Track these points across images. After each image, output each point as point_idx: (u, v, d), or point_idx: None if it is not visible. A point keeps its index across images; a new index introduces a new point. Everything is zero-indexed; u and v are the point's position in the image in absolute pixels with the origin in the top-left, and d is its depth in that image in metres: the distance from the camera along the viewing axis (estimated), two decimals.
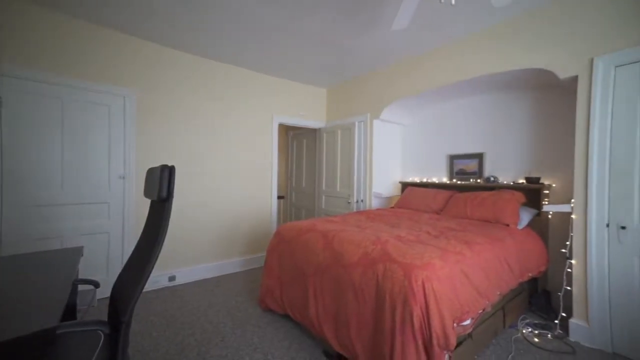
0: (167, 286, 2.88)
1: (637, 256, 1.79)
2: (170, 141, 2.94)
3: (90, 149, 2.51)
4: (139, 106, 2.75)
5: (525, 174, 2.69)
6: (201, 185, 3.14)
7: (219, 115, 3.27)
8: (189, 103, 3.06)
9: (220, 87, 3.28)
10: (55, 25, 2.32)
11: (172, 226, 2.86)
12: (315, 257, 1.91)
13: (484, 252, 1.75)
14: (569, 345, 1.92)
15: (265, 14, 2.30)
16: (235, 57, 3.16)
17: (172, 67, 2.94)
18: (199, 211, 3.13)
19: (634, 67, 1.80)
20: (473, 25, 2.44)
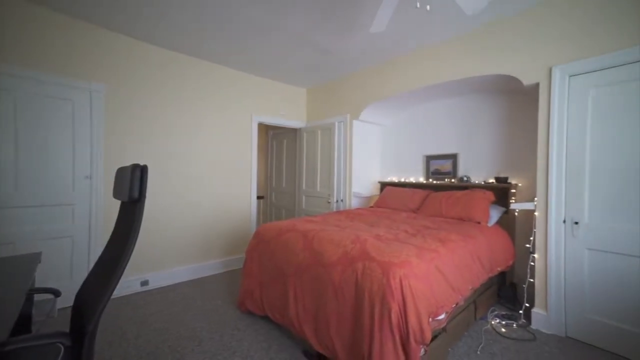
0: (139, 291, 2.74)
1: (587, 248, 1.96)
2: (143, 140, 2.80)
3: (52, 148, 2.32)
4: (109, 102, 2.59)
5: (495, 174, 2.85)
6: (177, 185, 3.02)
7: (196, 114, 3.16)
8: (164, 100, 2.93)
9: (197, 84, 3.17)
10: (7, 10, 2.12)
11: (145, 228, 2.73)
12: (295, 257, 1.90)
13: (457, 249, 1.83)
14: (531, 333, 2.07)
15: (246, 11, 2.26)
16: (214, 55, 3.07)
17: (145, 62, 2.80)
18: (175, 212, 3.01)
19: (584, 78, 1.96)
20: (447, 31, 2.55)
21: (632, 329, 1.78)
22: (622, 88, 1.83)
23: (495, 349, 1.88)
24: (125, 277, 2.66)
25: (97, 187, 2.52)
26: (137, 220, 0.94)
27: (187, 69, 3.09)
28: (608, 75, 1.88)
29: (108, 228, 2.44)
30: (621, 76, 1.83)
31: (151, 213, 2.82)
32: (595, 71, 1.92)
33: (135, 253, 2.62)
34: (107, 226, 2.53)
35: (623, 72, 1.82)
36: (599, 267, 1.91)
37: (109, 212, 2.57)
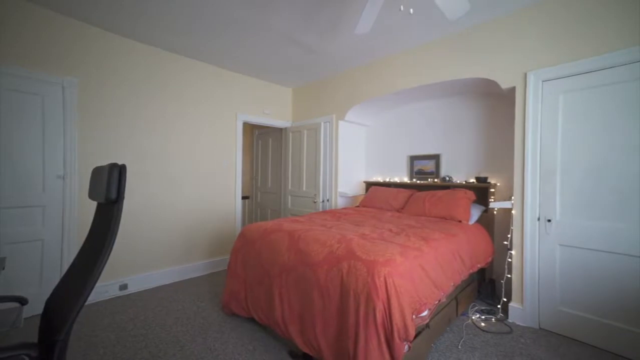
0: (118, 296, 2.63)
1: (559, 244, 2.07)
2: (121, 138, 2.69)
3: (18, 145, 2.17)
4: (84, 98, 2.47)
5: (476, 174, 2.95)
6: (158, 185, 2.92)
7: (178, 112, 3.07)
8: (143, 97, 2.82)
9: (179, 81, 3.08)
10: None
11: (124, 230, 2.63)
12: (280, 257, 1.89)
13: (440, 247, 1.88)
14: (508, 326, 2.16)
15: (231, 9, 2.21)
16: (197, 52, 2.99)
17: (124, 57, 2.69)
18: (156, 213, 2.91)
19: (555, 83, 2.08)
20: (429, 34, 2.61)
21: (599, 319, 1.90)
22: (588, 94, 1.95)
23: (475, 342, 1.94)
24: (102, 282, 2.54)
25: (71, 188, 2.40)
26: (114, 222, 0.90)
27: (169, 65, 3.00)
28: (576, 82, 1.99)
29: (83, 230, 2.32)
30: (587, 83, 1.95)
31: (131, 214, 2.72)
32: (564, 77, 2.03)
33: (114, 256, 2.54)
34: (83, 228, 2.41)
35: (589, 79, 1.94)
36: (569, 262, 2.03)
37: (84, 213, 2.44)
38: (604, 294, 1.89)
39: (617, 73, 1.84)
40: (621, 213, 1.83)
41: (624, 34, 1.81)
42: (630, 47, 1.79)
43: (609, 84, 1.88)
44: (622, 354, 1.81)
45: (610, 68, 1.86)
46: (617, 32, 1.84)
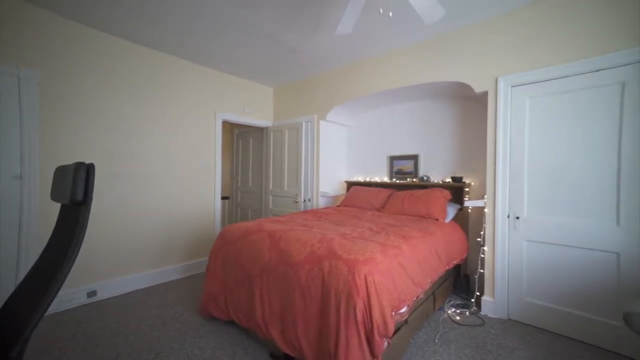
0: (85, 303, 2.47)
1: (526, 240, 2.21)
2: (89, 136, 2.53)
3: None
4: (46, 92, 2.30)
5: (452, 174, 3.06)
6: (131, 186, 2.78)
7: (154, 109, 2.94)
8: (116, 93, 2.68)
9: (155, 77, 2.95)
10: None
11: (93, 233, 2.49)
12: (261, 258, 1.86)
13: (418, 245, 1.94)
14: (480, 318, 2.27)
15: (211, 4, 2.15)
16: (175, 47, 2.88)
17: (93, 50, 2.54)
18: (129, 215, 2.77)
19: (522, 89, 2.21)
20: (408, 37, 2.68)
21: (561, 308, 2.04)
22: (551, 99, 2.09)
23: (451, 336, 2.02)
24: (67, 289, 2.38)
25: (30, 189, 2.22)
26: (81, 225, 0.84)
27: (142, 60, 2.86)
28: (540, 88, 2.13)
29: (44, 233, 2.17)
30: (549, 89, 2.09)
31: (101, 216, 2.57)
32: (530, 83, 2.17)
33: (81, 261, 2.40)
34: (44, 231, 2.24)
35: (551, 85, 2.08)
36: (535, 256, 2.16)
37: (46, 216, 2.27)
38: (566, 285, 2.03)
39: (576, 81, 1.99)
40: (580, 210, 1.98)
41: (584, 45, 1.96)
42: (588, 58, 1.94)
43: (569, 91, 2.02)
44: (582, 340, 1.96)
45: (570, 76, 2.01)
46: (578, 44, 1.98)
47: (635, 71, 1.80)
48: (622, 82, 1.84)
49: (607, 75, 1.89)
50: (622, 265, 1.84)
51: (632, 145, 1.81)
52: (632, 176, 1.80)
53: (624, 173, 1.83)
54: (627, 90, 1.82)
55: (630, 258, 1.81)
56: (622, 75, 1.84)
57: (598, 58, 1.90)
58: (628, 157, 1.82)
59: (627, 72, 1.82)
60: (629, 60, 1.81)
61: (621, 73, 1.84)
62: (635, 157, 1.79)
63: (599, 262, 1.92)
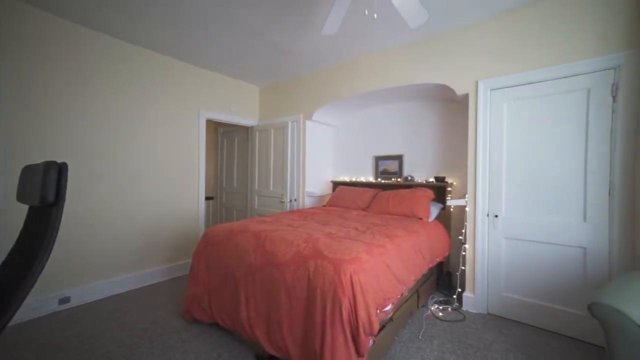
0: (58, 311, 2.34)
1: (504, 237, 2.30)
2: (62, 133, 2.41)
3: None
4: (11, 84, 2.16)
5: (435, 174, 3.14)
6: (110, 186, 2.67)
7: (134, 106, 2.84)
8: (94, 89, 2.56)
9: (136, 74, 2.85)
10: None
11: (66, 235, 2.37)
12: (246, 259, 1.84)
13: (402, 244, 1.97)
14: (462, 314, 2.34)
15: None
16: (157, 43, 2.79)
17: (69, 43, 2.41)
18: (108, 217, 2.66)
19: (501, 92, 2.30)
20: (393, 39, 2.73)
21: (536, 301, 2.15)
22: (527, 103, 2.19)
23: (434, 332, 2.07)
24: (37, 295, 2.25)
25: (6, 189, 2.09)
26: (52, 228, 0.80)
27: (127, 56, 2.76)
28: (516, 92, 2.23)
29: (11, 237, 2.04)
30: (525, 93, 2.19)
31: (76, 218, 2.45)
32: (507, 87, 2.26)
33: (52, 265, 2.28)
34: (10, 235, 2.11)
35: (527, 90, 2.18)
36: (512, 253, 2.26)
37: (11, 218, 2.14)
38: (539, 279, 2.14)
39: (548, 86, 2.10)
40: (552, 208, 2.09)
41: (555, 53, 2.06)
42: (557, 65, 2.05)
43: (541, 95, 2.13)
44: (554, 330, 2.07)
45: (542, 82, 2.11)
46: (550, 51, 2.08)
47: (598, 79, 1.93)
48: (587, 89, 1.96)
49: (575, 81, 2.00)
50: (588, 259, 1.96)
51: (597, 147, 1.93)
52: (597, 176, 1.93)
53: (590, 173, 1.95)
54: (592, 97, 1.95)
55: (595, 252, 1.93)
56: (587, 82, 1.96)
57: (567, 65, 2.01)
58: (593, 158, 1.94)
59: (591, 80, 1.95)
60: (593, 68, 1.93)
61: (587, 80, 1.96)
62: (599, 159, 1.92)
63: (568, 256, 2.03)
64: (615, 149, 1.87)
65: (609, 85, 1.89)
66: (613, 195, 1.88)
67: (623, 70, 1.84)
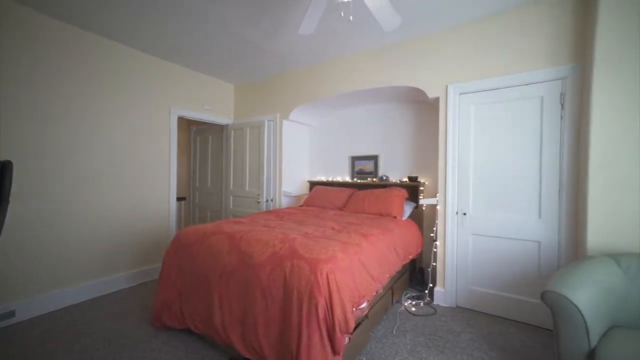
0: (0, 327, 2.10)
1: (472, 234, 2.43)
2: (10, 129, 2.18)
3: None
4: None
5: (408, 174, 3.25)
6: (66, 186, 2.47)
7: (97, 101, 2.65)
8: (44, 80, 2.35)
9: (99, 67, 2.66)
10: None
11: (11, 242, 2.15)
12: (221, 260, 1.79)
13: (377, 242, 2.02)
14: (433, 308, 2.45)
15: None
16: (126, 35, 2.63)
17: (15, 27, 2.19)
18: (59, 220, 2.45)
19: (468, 97, 2.43)
20: (369, 42, 2.78)
21: (497, 292, 2.30)
22: (491, 107, 2.34)
23: (407, 326, 2.15)
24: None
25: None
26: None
27: (90, 48, 2.56)
28: (482, 97, 2.37)
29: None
30: (490, 98, 2.33)
31: (20, 221, 2.22)
32: (474, 92, 2.40)
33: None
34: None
35: (492, 95, 2.32)
36: (479, 248, 2.40)
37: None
38: (502, 272, 2.29)
39: (509, 93, 2.25)
40: (513, 206, 2.25)
41: (514, 62, 2.22)
42: (518, 73, 2.21)
43: (504, 101, 2.28)
44: (514, 318, 2.24)
45: (504, 88, 2.27)
46: (509, 60, 2.24)
47: (550, 88, 2.11)
48: (541, 97, 2.15)
49: (531, 89, 2.18)
50: (542, 251, 2.14)
51: (550, 151, 2.12)
52: (549, 177, 2.12)
53: (544, 174, 2.13)
54: (545, 104, 2.13)
55: (548, 245, 2.12)
56: (541, 91, 2.14)
57: (524, 74, 2.18)
58: (547, 161, 2.13)
59: (544, 88, 2.13)
60: (545, 78, 2.11)
61: (541, 89, 2.14)
62: (551, 161, 2.11)
63: (526, 250, 2.20)
64: (564, 153, 2.06)
65: (558, 94, 2.08)
66: (562, 194, 2.07)
67: (569, 81, 2.03)
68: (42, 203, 2.33)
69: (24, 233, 2.23)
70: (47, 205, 2.37)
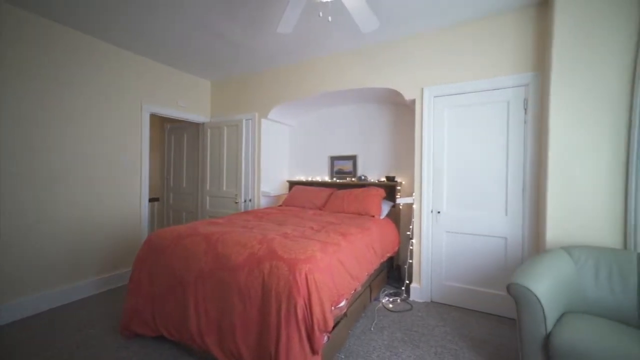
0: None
1: (445, 231, 2.54)
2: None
3: None
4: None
5: (386, 173, 3.33)
6: (21, 187, 2.27)
7: (65, 98, 2.47)
8: (16, 79, 2.16)
9: (67, 61, 2.48)
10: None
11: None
12: (196, 263, 1.73)
13: (356, 241, 2.05)
14: (409, 304, 2.53)
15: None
16: (95, 27, 2.47)
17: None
18: (23, 222, 2.25)
19: (442, 99, 2.54)
20: (348, 43, 2.82)
21: (469, 286, 2.42)
22: (462, 110, 2.45)
23: (384, 323, 2.20)
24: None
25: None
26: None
27: (53, 38, 2.36)
28: (454, 100, 2.48)
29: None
30: (462, 102, 2.45)
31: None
32: (447, 95, 2.51)
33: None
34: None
35: (463, 99, 2.44)
36: (452, 245, 2.51)
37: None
38: (473, 267, 2.41)
39: (480, 97, 2.38)
40: (482, 204, 2.38)
41: (484, 67, 2.35)
42: (487, 78, 2.33)
43: (475, 104, 2.40)
44: (484, 310, 2.36)
45: (475, 92, 2.39)
46: (479, 66, 2.37)
47: (515, 93, 2.26)
48: (508, 101, 2.29)
49: (498, 94, 2.32)
50: (508, 246, 2.29)
51: (515, 152, 2.26)
52: (515, 177, 2.26)
53: (510, 174, 2.28)
54: (511, 109, 2.28)
55: (513, 241, 2.27)
56: (508, 96, 2.29)
57: (492, 79, 2.32)
58: (512, 162, 2.27)
59: (510, 94, 2.27)
60: (511, 84, 2.26)
61: (507, 94, 2.28)
62: (516, 162, 2.25)
63: (494, 245, 2.34)
64: (527, 155, 2.21)
65: (522, 100, 2.23)
66: (525, 193, 2.22)
67: (531, 88, 2.19)
68: (7, 204, 2.14)
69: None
70: (15, 207, 2.18)
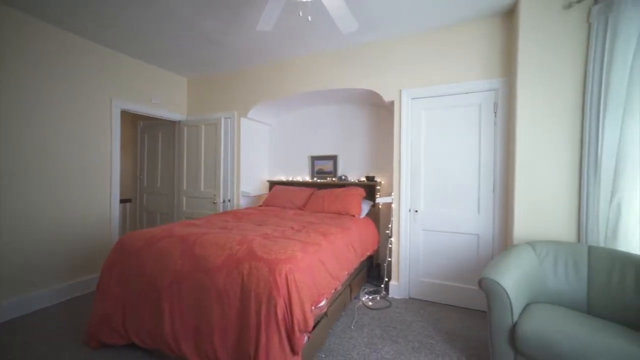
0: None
1: (422, 229, 2.63)
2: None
3: None
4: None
5: (366, 173, 3.38)
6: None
7: (29, 90, 2.27)
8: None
9: (31, 52, 2.29)
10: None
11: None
12: (171, 266, 1.67)
13: (336, 240, 2.06)
14: (388, 301, 2.58)
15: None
16: (61, 17, 2.28)
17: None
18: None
19: (420, 101, 2.62)
20: (328, 44, 2.83)
21: (444, 282, 2.52)
22: (438, 112, 2.55)
23: (364, 320, 2.23)
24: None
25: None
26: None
27: (16, 27, 2.17)
28: (430, 102, 2.57)
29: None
30: (437, 104, 2.55)
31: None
32: (424, 97, 2.59)
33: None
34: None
35: (438, 101, 2.54)
36: (428, 242, 2.60)
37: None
38: (447, 263, 2.51)
39: (453, 100, 2.48)
40: (457, 203, 2.48)
41: (457, 71, 2.45)
42: (460, 82, 2.44)
43: (449, 107, 2.51)
44: (458, 305, 2.47)
45: (449, 95, 2.49)
46: (455, 70, 2.47)
47: (486, 97, 2.38)
48: (479, 104, 2.41)
49: (470, 97, 2.43)
50: (480, 243, 2.40)
51: (486, 153, 2.38)
52: (486, 176, 2.38)
53: (482, 174, 2.40)
54: (482, 112, 2.40)
55: (485, 237, 2.39)
56: (479, 99, 2.41)
57: (466, 83, 2.43)
58: (484, 162, 2.39)
59: (482, 97, 2.39)
60: (482, 88, 2.38)
61: (479, 97, 2.41)
62: (487, 162, 2.38)
63: (467, 242, 2.45)
64: (497, 155, 2.34)
65: (492, 104, 2.36)
66: (496, 192, 2.35)
67: (500, 92, 2.32)
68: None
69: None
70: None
